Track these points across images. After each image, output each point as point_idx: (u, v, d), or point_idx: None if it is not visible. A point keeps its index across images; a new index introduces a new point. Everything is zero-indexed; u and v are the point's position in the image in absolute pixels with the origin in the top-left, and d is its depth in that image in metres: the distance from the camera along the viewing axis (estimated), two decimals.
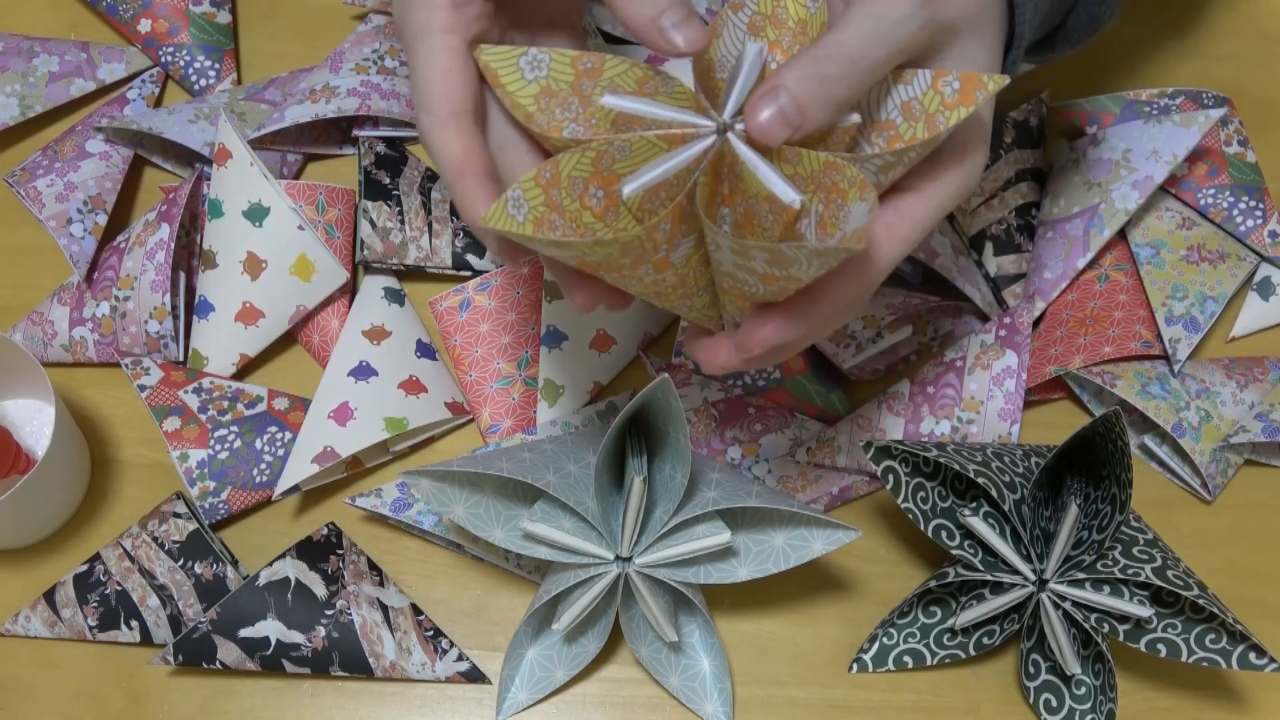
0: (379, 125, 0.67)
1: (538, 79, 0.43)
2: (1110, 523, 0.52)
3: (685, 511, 0.50)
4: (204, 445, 0.58)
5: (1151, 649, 0.53)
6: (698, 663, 0.56)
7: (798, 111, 0.37)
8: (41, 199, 0.62)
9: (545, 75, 0.43)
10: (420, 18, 0.41)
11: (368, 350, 0.61)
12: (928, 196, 0.42)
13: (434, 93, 0.41)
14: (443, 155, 0.41)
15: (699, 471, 0.53)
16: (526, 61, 0.42)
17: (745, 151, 0.38)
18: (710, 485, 0.52)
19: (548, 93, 0.43)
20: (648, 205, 0.40)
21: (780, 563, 0.52)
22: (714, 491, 0.51)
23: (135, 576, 0.56)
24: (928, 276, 0.65)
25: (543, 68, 0.42)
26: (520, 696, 0.56)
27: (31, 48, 0.68)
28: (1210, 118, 0.63)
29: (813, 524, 0.52)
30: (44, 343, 0.62)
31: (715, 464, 0.54)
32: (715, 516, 0.51)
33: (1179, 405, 0.61)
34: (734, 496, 0.51)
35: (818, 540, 0.52)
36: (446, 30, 0.41)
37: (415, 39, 0.42)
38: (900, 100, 0.41)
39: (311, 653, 0.55)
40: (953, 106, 0.39)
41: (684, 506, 0.51)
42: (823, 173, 0.38)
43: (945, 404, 0.61)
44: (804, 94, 0.37)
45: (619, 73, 0.43)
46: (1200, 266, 0.64)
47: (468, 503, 0.53)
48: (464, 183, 0.40)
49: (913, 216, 0.42)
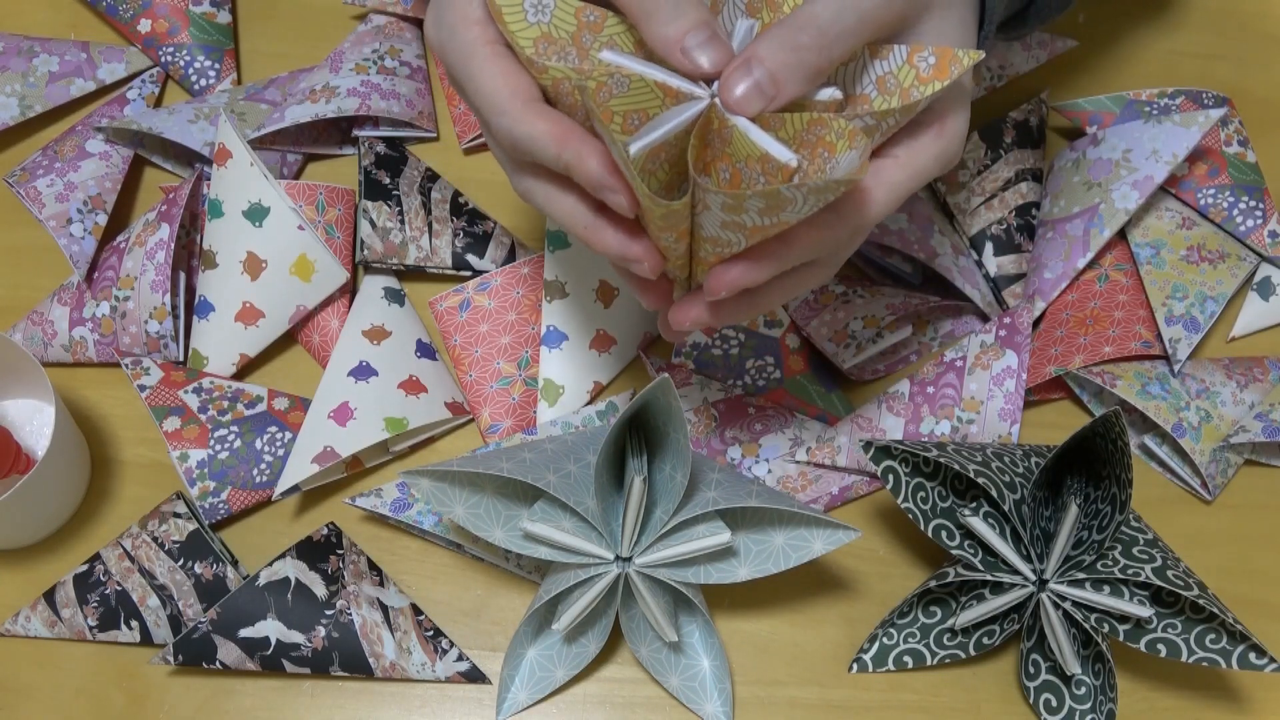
0: (379, 125, 0.67)
1: (539, 23, 0.43)
2: (1110, 523, 0.52)
3: (685, 511, 0.50)
4: (204, 445, 0.58)
5: (1151, 649, 0.53)
6: (698, 663, 0.56)
7: (771, 82, 0.39)
8: (41, 199, 0.62)
9: (548, 21, 0.43)
10: (462, 40, 0.42)
11: (368, 350, 0.61)
12: (904, 163, 0.43)
13: (502, 93, 0.41)
14: (537, 138, 0.41)
15: (699, 471, 0.53)
16: (532, 3, 0.43)
17: (737, 116, 0.39)
18: (710, 485, 0.52)
19: (547, 39, 0.43)
20: (649, 166, 0.41)
21: (780, 563, 0.52)
22: (714, 491, 0.51)
23: (135, 576, 0.56)
24: (928, 276, 0.65)
25: (546, 12, 0.43)
26: (520, 696, 0.56)
27: (31, 48, 0.68)
28: (1210, 118, 0.63)
29: (813, 524, 0.52)
30: (44, 343, 0.62)
31: (715, 464, 0.54)
32: (715, 516, 0.51)
33: (1179, 405, 0.61)
34: (734, 496, 0.51)
35: (818, 540, 0.52)
36: (491, 42, 0.42)
37: (466, 60, 0.42)
38: (875, 75, 0.42)
39: (311, 653, 0.55)
40: (928, 81, 0.40)
41: (684, 506, 0.51)
42: (807, 130, 0.39)
43: (945, 404, 0.61)
44: (776, 64, 0.38)
45: (619, 31, 0.43)
46: (1200, 266, 0.64)
47: (468, 503, 0.53)
48: (571, 145, 0.40)
49: (889, 181, 0.42)
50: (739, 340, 0.63)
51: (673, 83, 0.40)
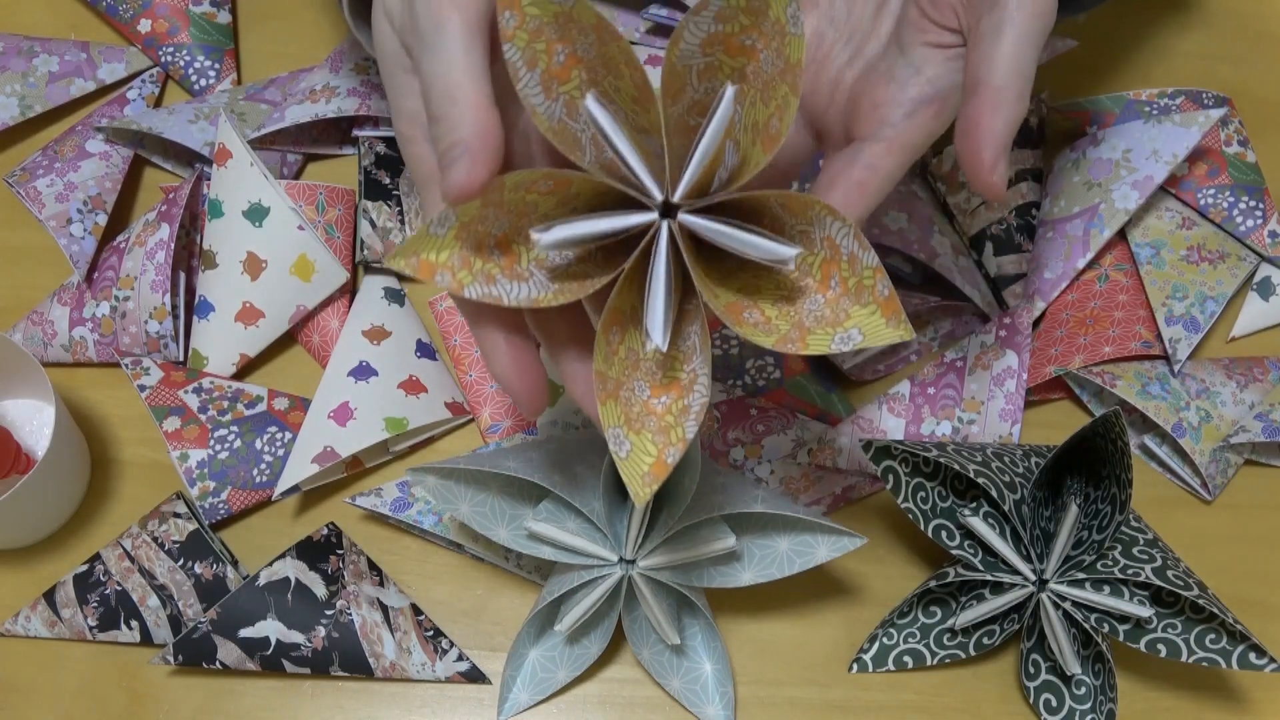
0: (379, 125, 0.67)
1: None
2: (1110, 523, 0.52)
3: (690, 516, 0.50)
4: (204, 445, 0.58)
5: (1151, 649, 0.53)
6: (700, 666, 0.56)
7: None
8: (41, 199, 0.62)
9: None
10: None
11: (368, 350, 0.61)
12: (893, 145, 0.41)
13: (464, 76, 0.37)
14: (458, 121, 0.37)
15: (704, 476, 0.53)
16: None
17: (711, 226, 0.36)
18: (715, 489, 0.52)
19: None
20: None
21: (784, 568, 0.52)
22: (719, 496, 0.51)
23: (135, 576, 0.56)
24: (928, 276, 0.65)
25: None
26: (522, 697, 0.56)
27: (31, 48, 0.68)
28: (1210, 118, 0.63)
29: (818, 530, 0.52)
30: (44, 343, 0.62)
31: (720, 468, 0.54)
32: (720, 521, 0.51)
33: (1179, 405, 0.61)
34: (739, 501, 0.51)
35: (822, 547, 0.52)
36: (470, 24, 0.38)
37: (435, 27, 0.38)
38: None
39: (311, 653, 0.55)
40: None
41: (689, 510, 0.50)
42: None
43: (946, 405, 0.61)
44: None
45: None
46: (1200, 266, 0.64)
47: (473, 501, 0.53)
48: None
49: (882, 169, 0.41)
50: (739, 340, 0.63)
51: (620, 225, 0.36)
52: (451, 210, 0.36)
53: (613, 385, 0.39)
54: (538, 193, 0.37)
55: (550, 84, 0.37)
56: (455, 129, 0.36)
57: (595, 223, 0.36)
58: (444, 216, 0.36)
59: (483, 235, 0.37)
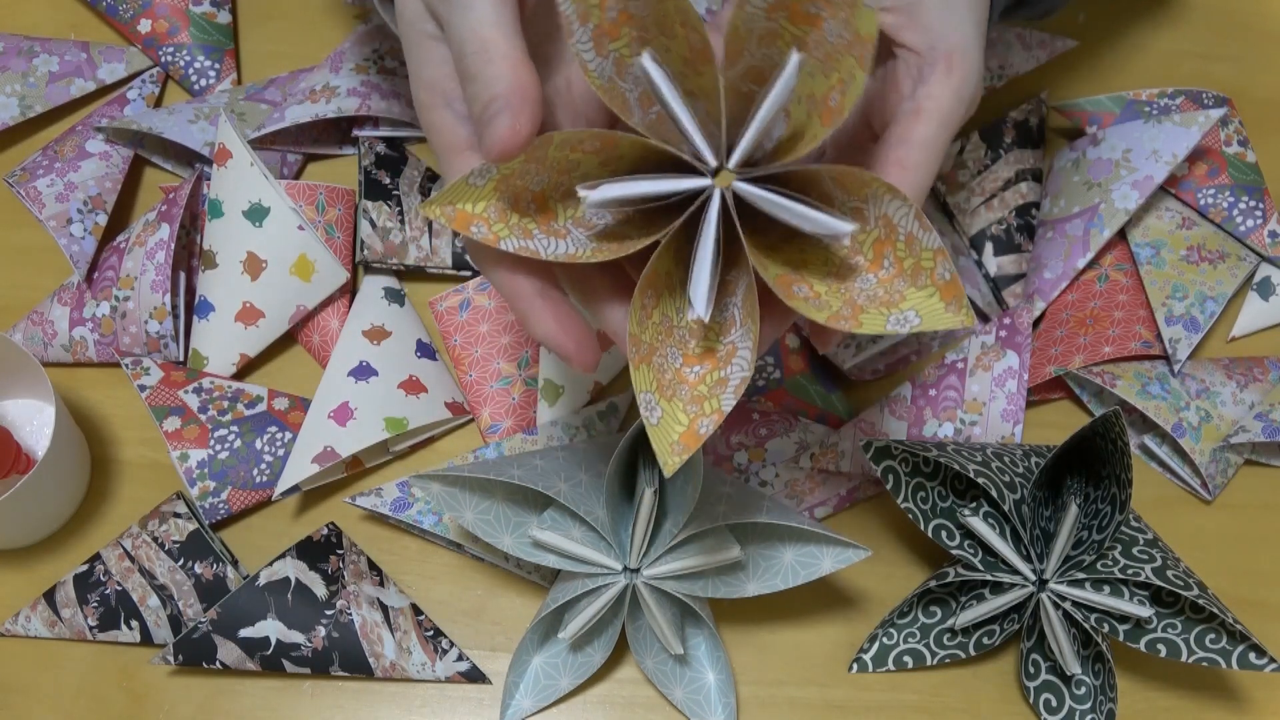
0: (379, 125, 0.67)
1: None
2: (1110, 523, 0.52)
3: (695, 525, 0.50)
4: (204, 445, 0.58)
5: (1151, 649, 0.53)
6: (703, 675, 0.56)
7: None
8: (41, 199, 0.62)
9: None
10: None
11: (368, 350, 0.61)
12: (923, 113, 0.39)
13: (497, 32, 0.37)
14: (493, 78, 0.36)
15: (709, 485, 0.52)
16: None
17: (766, 196, 0.35)
18: (720, 499, 0.51)
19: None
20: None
21: (789, 579, 0.52)
22: (724, 505, 0.51)
23: (135, 576, 0.56)
24: None
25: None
26: (525, 704, 0.56)
27: (31, 48, 0.68)
28: (1210, 118, 0.63)
29: (823, 541, 0.52)
30: (44, 343, 0.62)
31: (725, 477, 0.54)
32: (725, 531, 0.51)
33: (1179, 405, 0.61)
34: (744, 511, 0.50)
35: (827, 558, 0.52)
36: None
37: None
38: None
39: (311, 653, 0.55)
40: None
41: (694, 519, 0.50)
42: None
43: (948, 406, 0.61)
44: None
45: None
46: (1200, 266, 0.64)
47: (478, 508, 0.52)
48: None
49: (920, 139, 0.39)
50: None
51: (678, 187, 0.36)
52: (492, 163, 0.36)
53: (646, 350, 0.38)
54: (581, 151, 0.36)
55: (601, 40, 0.36)
56: (492, 84, 0.35)
57: (646, 184, 0.35)
58: (484, 169, 0.36)
59: (520, 190, 0.37)
